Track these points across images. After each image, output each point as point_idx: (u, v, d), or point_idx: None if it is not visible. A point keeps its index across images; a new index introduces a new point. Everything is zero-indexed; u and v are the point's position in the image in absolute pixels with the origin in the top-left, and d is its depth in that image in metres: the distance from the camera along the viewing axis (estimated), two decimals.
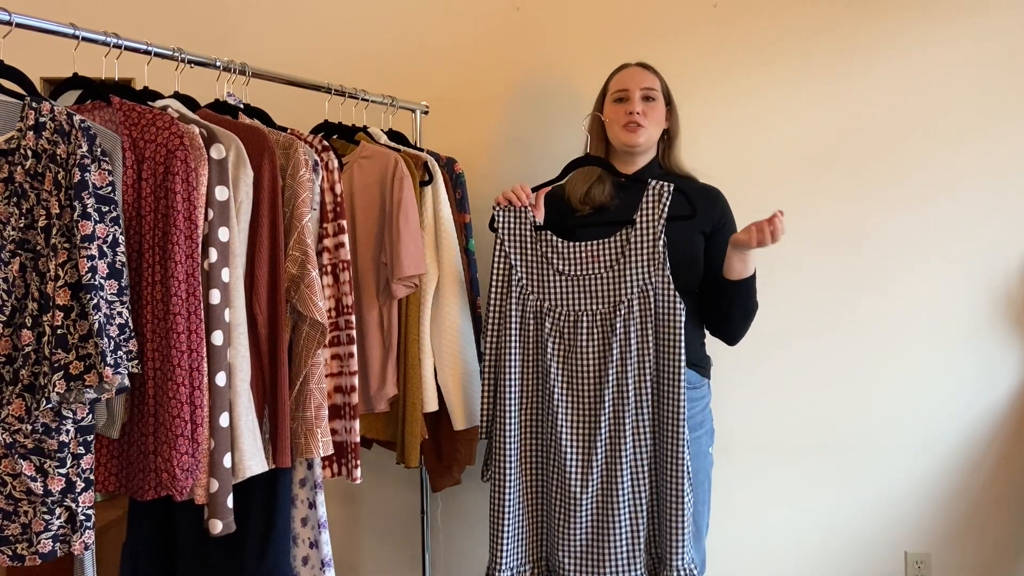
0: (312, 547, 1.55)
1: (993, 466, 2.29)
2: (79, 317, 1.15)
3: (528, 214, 1.76)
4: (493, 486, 1.73)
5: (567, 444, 1.69)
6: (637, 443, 1.69)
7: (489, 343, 1.75)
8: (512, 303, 1.73)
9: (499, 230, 1.77)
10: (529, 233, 1.75)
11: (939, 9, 2.25)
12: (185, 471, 1.25)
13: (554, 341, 1.71)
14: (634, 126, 1.81)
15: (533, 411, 1.76)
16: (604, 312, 1.69)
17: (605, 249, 1.71)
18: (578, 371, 1.70)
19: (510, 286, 1.74)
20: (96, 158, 1.18)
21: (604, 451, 1.68)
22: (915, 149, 2.27)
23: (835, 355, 2.31)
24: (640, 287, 1.68)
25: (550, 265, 1.73)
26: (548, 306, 1.72)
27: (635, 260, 1.69)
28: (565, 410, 1.70)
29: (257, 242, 1.40)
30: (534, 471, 1.76)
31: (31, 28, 1.26)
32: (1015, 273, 2.26)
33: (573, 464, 1.68)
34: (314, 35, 2.43)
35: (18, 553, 1.19)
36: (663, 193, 1.69)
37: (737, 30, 2.31)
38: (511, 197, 1.77)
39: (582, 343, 1.69)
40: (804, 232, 2.29)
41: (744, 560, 2.35)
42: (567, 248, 1.73)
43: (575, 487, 1.68)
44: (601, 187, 1.85)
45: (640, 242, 1.69)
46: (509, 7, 2.39)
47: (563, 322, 1.71)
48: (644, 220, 1.69)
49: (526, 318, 1.74)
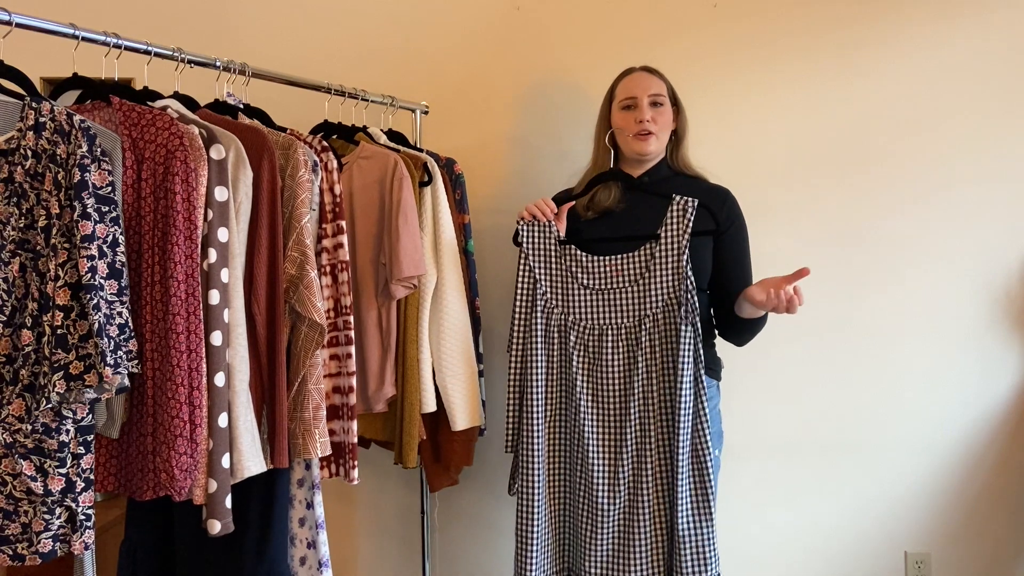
0: (310, 547, 1.55)
1: (993, 466, 2.29)
2: (79, 317, 1.15)
3: (552, 228, 1.78)
4: (521, 499, 1.75)
5: (595, 457, 1.72)
6: (661, 459, 1.71)
7: (514, 357, 1.78)
8: (537, 317, 1.76)
9: (524, 244, 1.80)
10: (553, 247, 1.78)
11: (940, 9, 2.25)
12: (184, 471, 1.25)
13: (579, 355, 1.74)
14: (645, 134, 1.82)
15: (559, 424, 1.78)
16: (629, 326, 1.72)
17: (630, 263, 1.74)
18: (603, 384, 1.72)
19: (535, 300, 1.77)
20: (96, 158, 1.18)
21: (631, 463, 1.71)
22: (916, 148, 2.27)
23: (835, 355, 2.31)
24: (666, 301, 1.70)
25: (574, 279, 1.76)
26: (573, 320, 1.75)
27: (660, 275, 1.72)
28: (592, 423, 1.72)
29: (256, 243, 1.40)
30: (560, 483, 1.79)
31: (31, 28, 1.26)
32: (1015, 273, 2.26)
33: (601, 476, 1.71)
34: (314, 35, 2.43)
35: (18, 553, 1.19)
36: (687, 208, 1.72)
37: (737, 30, 2.31)
38: (535, 212, 1.79)
39: (607, 357, 1.72)
40: (804, 232, 2.29)
41: (744, 560, 2.35)
42: (591, 262, 1.75)
43: (603, 499, 1.70)
44: (607, 191, 1.86)
45: (665, 257, 1.72)
46: (509, 7, 2.39)
47: (588, 336, 1.74)
48: (668, 235, 1.72)
49: (550, 332, 1.77)
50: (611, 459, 1.72)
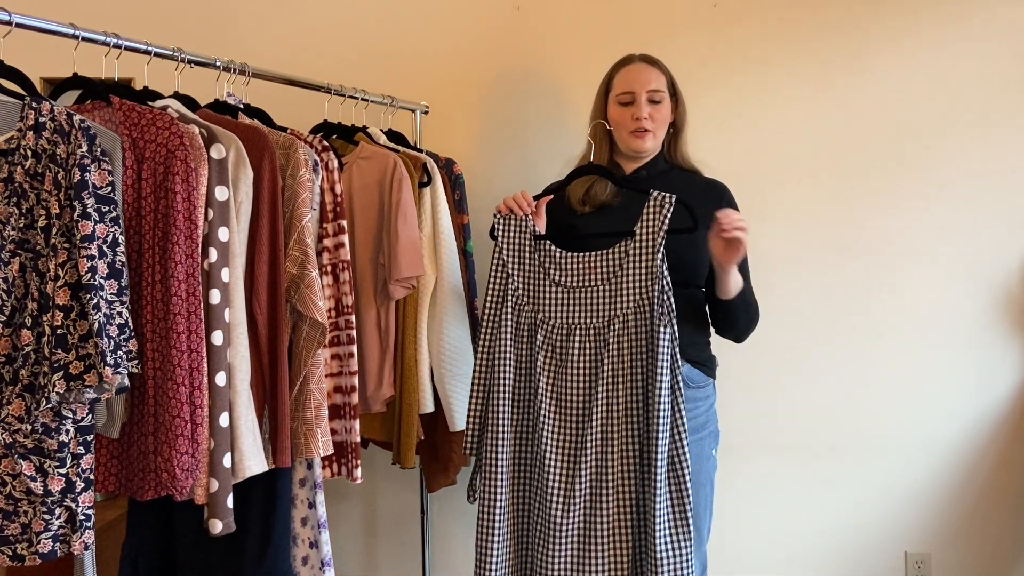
0: (312, 547, 1.55)
1: (993, 466, 2.29)
2: (79, 317, 1.15)
3: (529, 223, 1.69)
4: (481, 504, 1.64)
5: (550, 465, 1.59)
6: (624, 469, 1.59)
7: (481, 355, 1.67)
8: (507, 314, 1.66)
9: (499, 239, 1.70)
10: (529, 242, 1.68)
11: (940, 10, 2.25)
12: (185, 471, 1.25)
13: (545, 354, 1.63)
14: (642, 132, 1.77)
15: (524, 428, 1.67)
16: (598, 326, 1.61)
17: (603, 261, 1.64)
18: (567, 387, 1.62)
19: (506, 297, 1.67)
20: (96, 158, 1.18)
21: (589, 475, 1.58)
22: (916, 148, 2.27)
23: (834, 355, 2.31)
24: (637, 301, 1.60)
25: (547, 276, 1.66)
26: (541, 318, 1.65)
27: (633, 274, 1.62)
28: (551, 429, 1.61)
29: (257, 242, 1.40)
30: (521, 491, 1.67)
31: (31, 28, 1.26)
32: (1015, 273, 2.26)
33: (556, 487, 1.59)
34: (314, 35, 2.43)
35: (18, 553, 1.19)
36: (664, 204, 1.61)
37: (737, 30, 2.31)
38: (512, 206, 1.71)
39: (573, 358, 1.61)
40: (803, 232, 2.29)
41: (744, 560, 2.35)
42: (565, 259, 1.66)
43: (556, 512, 1.58)
44: (603, 185, 1.79)
45: (639, 255, 1.62)
46: (509, 7, 2.40)
47: (555, 335, 1.64)
48: (644, 232, 1.62)
49: (520, 330, 1.66)
50: (568, 468, 1.59)
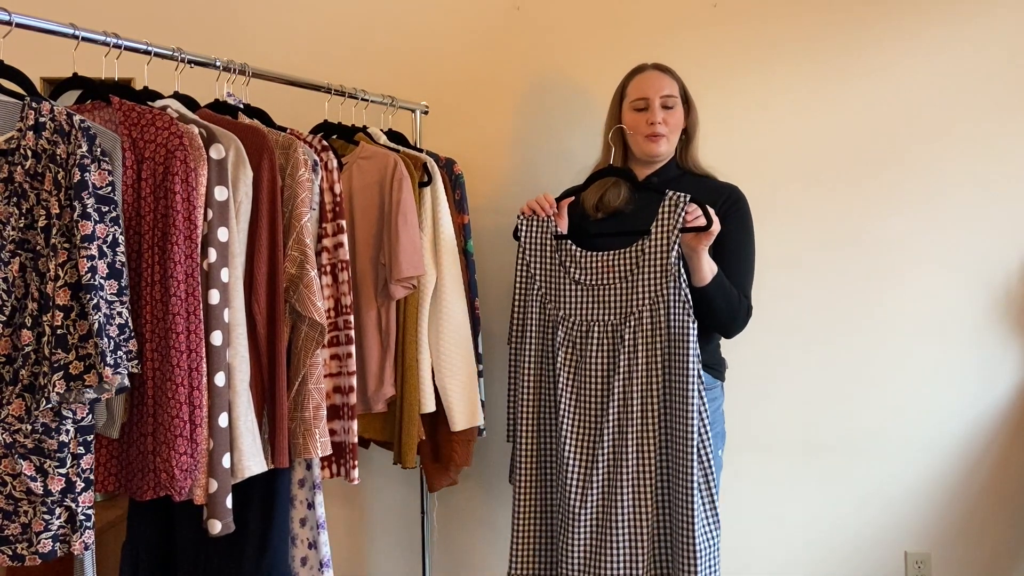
0: (311, 548, 1.55)
1: (993, 466, 2.29)
2: (79, 317, 1.15)
3: (551, 224, 1.78)
4: (514, 490, 1.77)
5: (569, 457, 1.69)
6: (642, 460, 1.65)
7: (512, 350, 1.81)
8: (533, 312, 1.77)
9: (522, 239, 1.80)
10: (550, 242, 1.78)
11: (941, 12, 2.25)
12: (184, 471, 1.25)
13: (565, 350, 1.73)
14: (656, 137, 1.81)
15: (550, 421, 1.78)
16: (615, 323, 1.69)
17: (620, 259, 1.71)
18: (585, 382, 1.70)
19: (531, 295, 1.78)
20: (96, 158, 1.18)
21: (606, 467, 1.67)
22: (916, 149, 2.27)
23: (834, 355, 2.31)
24: (652, 299, 1.67)
25: (567, 274, 1.75)
26: (562, 315, 1.74)
27: (648, 271, 1.68)
28: (570, 422, 1.70)
29: (256, 242, 1.40)
30: (549, 481, 1.78)
31: (31, 28, 1.26)
32: (1015, 273, 2.26)
33: (574, 478, 1.68)
34: (314, 35, 2.43)
35: (18, 553, 1.19)
36: (679, 203, 1.66)
37: (737, 31, 2.31)
38: (535, 207, 1.80)
39: (591, 354, 1.70)
40: (804, 233, 2.29)
41: (744, 560, 2.35)
42: (584, 257, 1.74)
43: (574, 502, 1.67)
44: (616, 191, 1.84)
45: (654, 253, 1.68)
46: (509, 7, 2.39)
47: (575, 331, 1.72)
48: (659, 230, 1.68)
49: (545, 327, 1.77)
50: (586, 460, 1.68)
